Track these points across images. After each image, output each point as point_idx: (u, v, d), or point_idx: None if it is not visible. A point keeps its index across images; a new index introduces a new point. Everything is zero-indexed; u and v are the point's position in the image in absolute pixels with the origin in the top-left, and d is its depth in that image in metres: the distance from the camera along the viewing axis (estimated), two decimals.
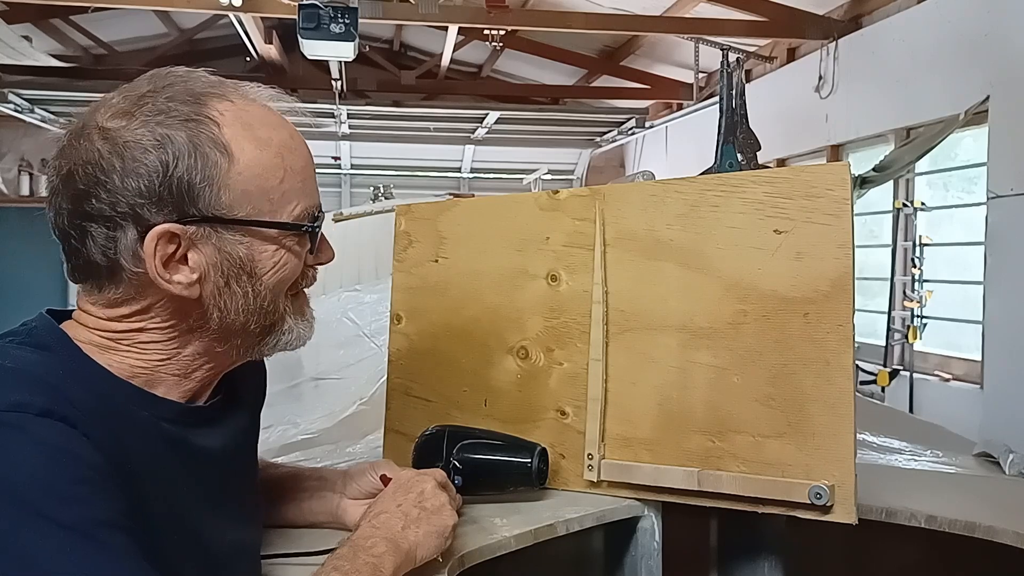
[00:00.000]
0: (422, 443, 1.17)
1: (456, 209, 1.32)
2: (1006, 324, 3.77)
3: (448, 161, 9.29)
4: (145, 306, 0.78)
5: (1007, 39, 3.77)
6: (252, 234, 0.78)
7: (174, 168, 0.74)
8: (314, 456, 1.66)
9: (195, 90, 0.77)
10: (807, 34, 5.36)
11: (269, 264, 0.80)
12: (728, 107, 4.26)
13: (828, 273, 1.02)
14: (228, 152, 0.76)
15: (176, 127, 0.75)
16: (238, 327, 0.80)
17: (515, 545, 1.03)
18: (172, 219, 0.74)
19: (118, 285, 0.77)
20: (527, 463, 1.12)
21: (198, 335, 0.80)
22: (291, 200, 0.80)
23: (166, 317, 0.79)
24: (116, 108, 0.76)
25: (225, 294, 0.78)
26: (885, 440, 1.70)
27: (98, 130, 0.75)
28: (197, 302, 0.78)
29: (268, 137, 0.79)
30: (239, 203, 0.76)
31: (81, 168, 0.74)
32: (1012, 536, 1.09)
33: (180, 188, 0.74)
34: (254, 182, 0.77)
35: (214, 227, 0.76)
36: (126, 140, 0.74)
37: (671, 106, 7.88)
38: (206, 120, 0.76)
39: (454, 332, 1.29)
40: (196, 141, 0.75)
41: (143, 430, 0.76)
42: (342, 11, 4.47)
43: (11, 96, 6.28)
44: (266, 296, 0.80)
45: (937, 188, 4.76)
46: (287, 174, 0.79)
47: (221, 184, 0.75)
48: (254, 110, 0.80)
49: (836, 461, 1.00)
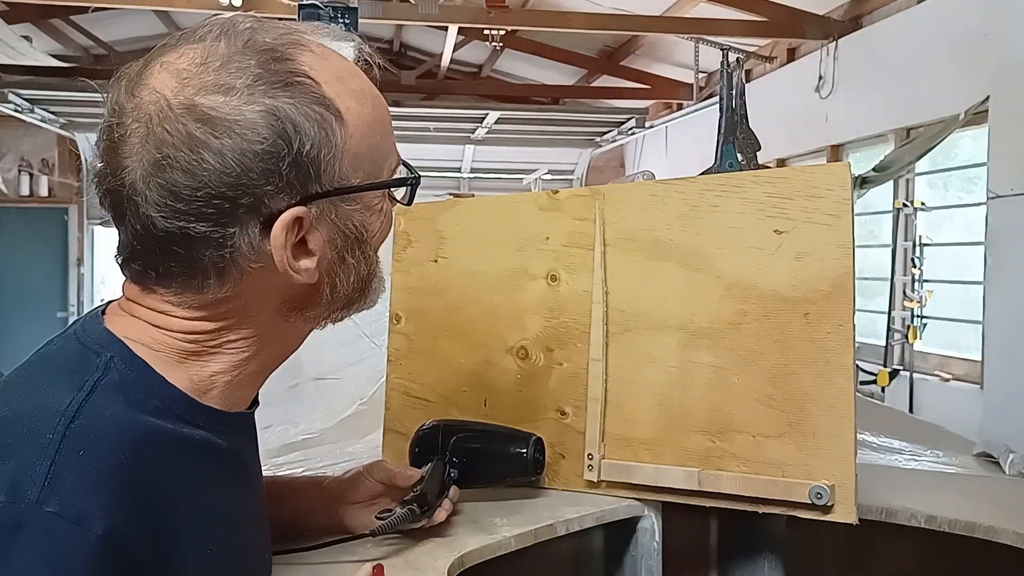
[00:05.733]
0: (419, 438, 1.17)
1: (456, 209, 1.32)
2: (1006, 324, 3.76)
3: (448, 161, 9.28)
4: (249, 300, 0.69)
5: (1007, 39, 3.76)
6: (363, 200, 0.70)
7: (298, 143, 0.64)
8: (314, 456, 1.66)
9: (275, 45, 0.66)
10: (807, 34, 5.36)
11: (376, 227, 0.73)
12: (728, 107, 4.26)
13: (828, 273, 1.01)
14: (338, 113, 0.67)
15: (282, 95, 0.64)
16: (343, 299, 0.73)
17: (515, 545, 1.03)
18: (296, 201, 0.65)
19: (224, 285, 0.66)
20: (523, 453, 1.12)
21: (294, 320, 0.72)
22: (388, 155, 0.73)
23: (270, 311, 0.70)
24: (203, 80, 0.63)
25: (340, 269, 0.71)
26: (885, 440, 1.70)
27: (190, 110, 0.63)
28: (311, 285, 0.69)
29: (360, 89, 0.70)
30: (355, 169, 0.69)
31: (179, 159, 0.62)
32: (1012, 536, 1.09)
33: (306, 165, 0.65)
34: (363, 142, 0.69)
35: (333, 201, 0.68)
36: (233, 119, 0.62)
37: (671, 106, 7.88)
38: (306, 80, 0.66)
39: (454, 332, 1.29)
40: (308, 107, 0.65)
41: (218, 459, 0.71)
42: (342, 11, 4.47)
43: (11, 96, 6.27)
44: (373, 260, 0.74)
45: (937, 188, 4.76)
46: (384, 126, 0.72)
47: (341, 151, 0.67)
48: (334, 58, 0.70)
49: (836, 461, 1.00)
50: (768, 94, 5.89)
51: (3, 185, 7.88)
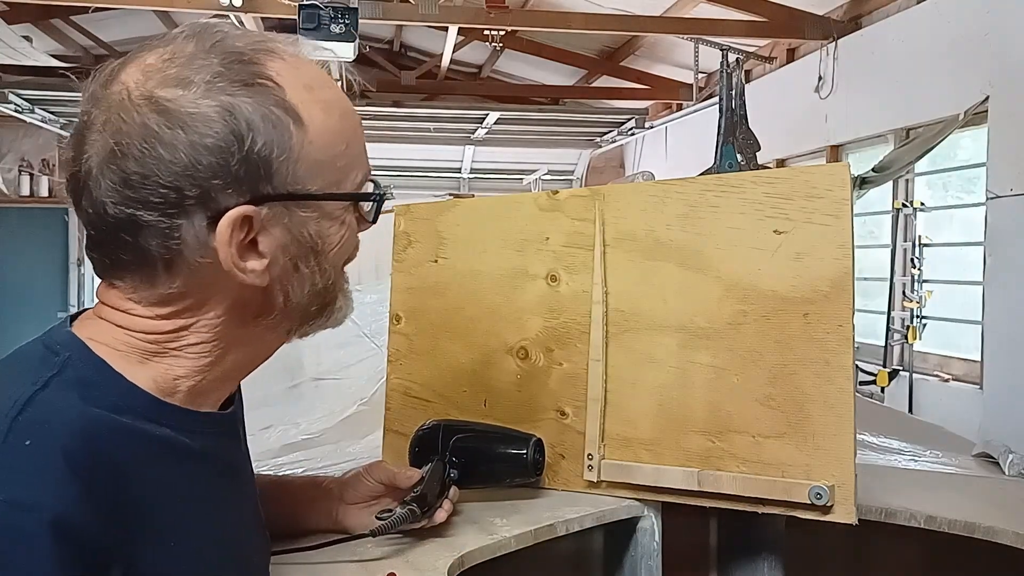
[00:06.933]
0: (419, 438, 1.17)
1: (456, 209, 1.32)
2: (1006, 324, 3.77)
3: (448, 161, 9.28)
4: (201, 300, 0.69)
5: (1007, 39, 3.77)
6: (321, 209, 0.70)
7: (249, 141, 0.65)
8: (314, 456, 1.67)
9: (245, 49, 0.68)
10: (807, 34, 5.36)
11: (336, 239, 0.72)
12: (728, 107, 4.27)
13: (828, 273, 1.02)
14: (299, 118, 0.67)
15: (239, 92, 0.65)
16: (299, 311, 0.73)
17: (515, 545, 1.03)
18: (245, 200, 0.65)
19: (174, 278, 0.67)
20: (522, 454, 1.13)
21: (251, 328, 0.72)
22: (354, 168, 0.73)
23: (222, 312, 0.70)
24: (165, 74, 0.65)
25: (293, 278, 0.70)
26: (885, 440, 1.70)
27: (148, 100, 0.64)
28: (262, 290, 0.69)
29: (330, 99, 0.71)
30: (312, 176, 0.69)
31: (132, 147, 0.63)
32: (1012, 536, 1.09)
33: (257, 163, 0.65)
34: (324, 151, 0.69)
35: (287, 205, 0.68)
36: (188, 111, 0.64)
37: (671, 106, 7.88)
38: (269, 84, 0.67)
39: (454, 332, 1.29)
40: (266, 109, 0.66)
41: (187, 458, 0.70)
42: (342, 11, 4.47)
43: (11, 96, 6.27)
44: (330, 274, 0.73)
45: (936, 188, 4.76)
46: (352, 138, 0.72)
47: (296, 156, 0.67)
48: (308, 69, 0.71)
49: (836, 461, 1.00)
50: (768, 94, 5.89)
51: (3, 185, 7.88)
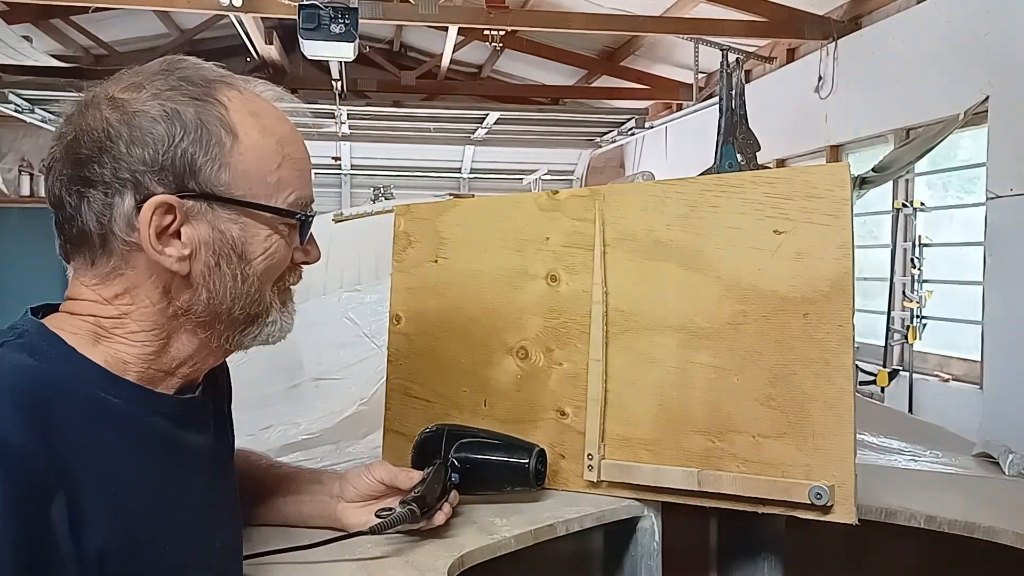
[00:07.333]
0: (421, 441, 1.17)
1: (456, 209, 1.32)
2: (1006, 324, 3.77)
3: (448, 161, 9.29)
4: (134, 284, 0.77)
5: (1007, 39, 3.77)
6: (247, 215, 0.79)
7: (180, 141, 0.75)
8: (314, 456, 1.66)
9: (207, 76, 0.79)
10: (807, 34, 5.36)
11: (260, 249, 0.80)
12: (728, 107, 4.27)
13: (828, 273, 1.02)
14: (233, 132, 0.77)
15: (185, 103, 0.76)
16: (223, 311, 0.80)
17: (515, 545, 1.03)
18: (171, 191, 0.75)
19: (109, 257, 0.76)
20: (524, 464, 1.12)
21: (183, 321, 0.79)
22: (287, 187, 0.81)
23: (155, 299, 0.78)
24: (128, 82, 0.77)
25: (215, 274, 0.78)
26: (885, 440, 1.69)
27: (108, 100, 0.76)
28: (186, 281, 0.78)
29: (271, 126, 0.81)
30: (238, 183, 0.77)
31: (87, 134, 0.75)
32: (1012, 536, 1.09)
33: (183, 161, 0.75)
34: (255, 164, 0.78)
35: (211, 204, 0.77)
36: (136, 109, 0.75)
37: (671, 106, 7.89)
38: (215, 102, 0.77)
39: (454, 332, 1.29)
40: (204, 118, 0.76)
41: (136, 430, 0.75)
42: (342, 11, 4.47)
43: (11, 96, 6.28)
44: (254, 282, 0.80)
45: (936, 188, 4.76)
46: (285, 160, 0.81)
47: (223, 162, 0.77)
48: (260, 103, 0.82)
49: (836, 461, 1.00)
50: (768, 94, 5.89)
51: (3, 185, 7.89)
